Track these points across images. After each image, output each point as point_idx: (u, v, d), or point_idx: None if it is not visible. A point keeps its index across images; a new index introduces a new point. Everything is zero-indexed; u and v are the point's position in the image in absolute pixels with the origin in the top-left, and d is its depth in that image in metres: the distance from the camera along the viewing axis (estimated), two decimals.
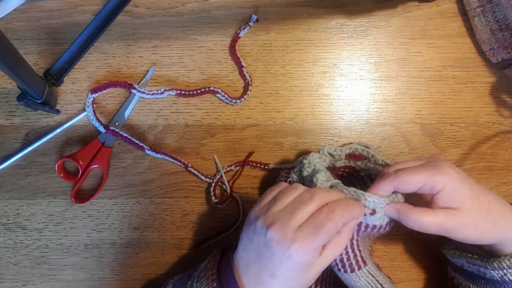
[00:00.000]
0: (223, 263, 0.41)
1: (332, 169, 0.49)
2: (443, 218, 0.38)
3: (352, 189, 0.40)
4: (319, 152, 0.48)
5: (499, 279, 0.41)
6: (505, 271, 0.40)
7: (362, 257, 0.42)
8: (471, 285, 0.45)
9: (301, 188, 0.39)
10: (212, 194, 0.53)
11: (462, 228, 0.39)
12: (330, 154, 0.49)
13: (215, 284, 0.39)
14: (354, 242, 0.42)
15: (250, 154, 0.54)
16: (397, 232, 0.54)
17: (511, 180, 0.55)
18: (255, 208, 0.40)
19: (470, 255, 0.43)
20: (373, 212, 0.40)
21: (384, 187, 0.40)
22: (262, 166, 0.54)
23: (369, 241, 0.49)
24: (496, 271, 0.41)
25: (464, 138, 0.55)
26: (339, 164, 0.49)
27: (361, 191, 0.40)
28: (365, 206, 0.40)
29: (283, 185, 0.41)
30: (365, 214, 0.40)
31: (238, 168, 0.54)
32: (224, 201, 0.53)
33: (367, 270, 0.42)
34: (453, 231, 0.39)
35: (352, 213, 0.38)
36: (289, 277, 0.37)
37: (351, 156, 0.49)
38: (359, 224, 0.41)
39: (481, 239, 0.40)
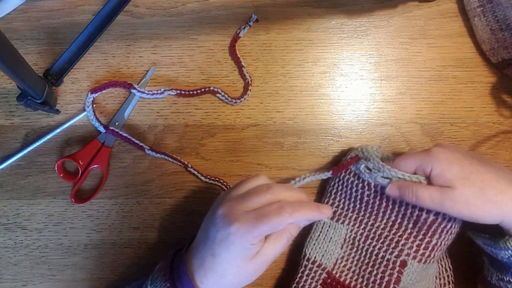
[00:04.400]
0: (176, 261, 0.42)
1: None
2: (435, 193, 0.42)
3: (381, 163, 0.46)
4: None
5: (507, 260, 0.42)
6: (511, 251, 0.41)
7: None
8: (492, 269, 0.45)
9: (262, 180, 0.42)
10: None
11: (453, 204, 0.41)
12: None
13: (168, 285, 0.40)
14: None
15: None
16: None
17: None
18: (219, 196, 0.42)
19: (484, 235, 0.44)
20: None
21: None
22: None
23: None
24: (503, 251, 0.41)
25: (464, 138, 0.55)
26: None
27: (386, 165, 0.45)
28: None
29: (253, 176, 0.43)
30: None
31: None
32: None
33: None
34: (445, 206, 0.42)
35: (304, 216, 0.39)
36: (227, 260, 0.38)
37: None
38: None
39: (474, 215, 0.41)
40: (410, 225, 0.45)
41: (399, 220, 0.46)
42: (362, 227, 0.48)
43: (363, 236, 0.47)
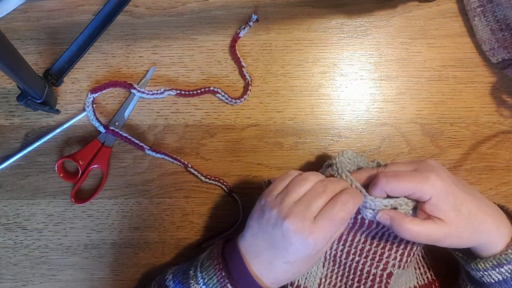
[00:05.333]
0: (227, 251, 0.42)
1: None
2: (432, 229, 0.40)
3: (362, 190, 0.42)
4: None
5: (479, 279, 0.42)
6: (481, 273, 0.41)
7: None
8: (467, 281, 0.46)
9: (312, 179, 0.41)
10: None
11: (447, 239, 0.40)
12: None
13: (223, 273, 0.40)
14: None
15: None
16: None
17: (511, 180, 0.55)
18: (267, 199, 0.41)
19: (457, 253, 0.44)
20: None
21: (376, 193, 0.41)
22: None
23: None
24: (474, 272, 0.42)
25: (464, 138, 0.55)
26: None
27: (368, 196, 0.41)
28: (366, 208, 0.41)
29: (292, 174, 0.42)
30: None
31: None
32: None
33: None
34: (440, 241, 0.40)
35: (359, 203, 0.40)
36: (302, 262, 0.40)
37: None
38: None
39: (461, 245, 0.42)
40: (392, 236, 0.44)
41: (379, 234, 0.44)
42: (341, 243, 0.46)
43: (344, 252, 0.46)
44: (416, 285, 0.47)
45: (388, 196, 0.41)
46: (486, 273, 0.41)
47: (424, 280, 0.48)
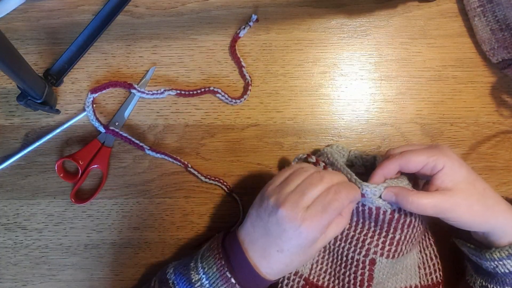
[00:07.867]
0: (227, 241, 0.43)
1: None
2: (438, 199, 0.40)
3: (354, 176, 0.44)
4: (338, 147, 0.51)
5: (492, 270, 0.42)
6: (496, 263, 0.41)
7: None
8: (476, 276, 0.46)
9: (311, 170, 0.42)
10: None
11: (456, 209, 0.40)
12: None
13: (223, 262, 0.41)
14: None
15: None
16: None
17: (511, 180, 0.55)
18: (268, 188, 0.42)
19: (469, 244, 0.44)
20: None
21: (390, 166, 0.42)
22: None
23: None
24: (488, 262, 0.42)
25: (464, 138, 0.55)
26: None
27: (360, 181, 0.43)
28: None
29: (296, 166, 0.43)
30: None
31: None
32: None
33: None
34: (448, 211, 0.41)
35: (355, 195, 0.41)
36: (295, 252, 0.40)
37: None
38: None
39: (473, 222, 0.41)
40: (372, 224, 0.45)
41: (361, 220, 0.45)
42: None
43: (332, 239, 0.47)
44: (417, 285, 0.47)
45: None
46: (501, 262, 0.41)
47: (428, 281, 0.48)
